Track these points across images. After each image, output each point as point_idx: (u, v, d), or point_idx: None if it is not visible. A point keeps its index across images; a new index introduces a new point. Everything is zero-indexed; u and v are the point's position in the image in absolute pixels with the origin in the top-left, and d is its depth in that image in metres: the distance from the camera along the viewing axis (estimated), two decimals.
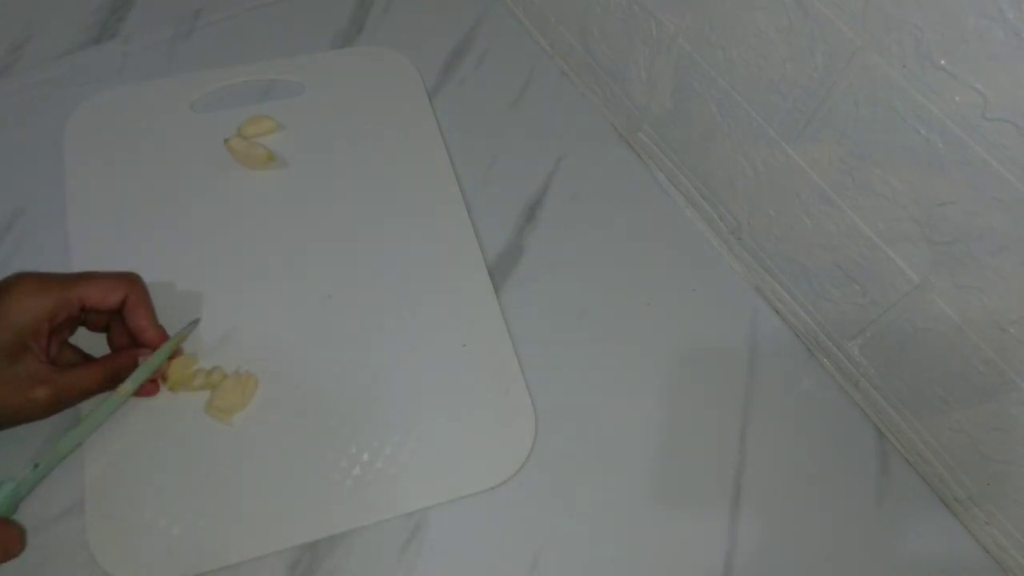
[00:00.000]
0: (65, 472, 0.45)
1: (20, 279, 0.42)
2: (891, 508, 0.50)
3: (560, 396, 0.51)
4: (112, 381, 0.45)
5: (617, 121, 0.64)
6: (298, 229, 0.56)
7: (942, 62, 0.37)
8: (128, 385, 0.45)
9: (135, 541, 0.44)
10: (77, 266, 0.51)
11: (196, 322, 0.50)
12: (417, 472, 0.48)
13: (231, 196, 0.56)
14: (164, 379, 0.48)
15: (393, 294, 0.54)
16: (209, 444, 0.47)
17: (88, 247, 0.53)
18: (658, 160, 0.62)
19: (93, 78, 0.61)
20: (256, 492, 0.46)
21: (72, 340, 0.47)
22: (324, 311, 0.53)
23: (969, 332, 0.43)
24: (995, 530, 0.48)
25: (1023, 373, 0.41)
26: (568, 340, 0.54)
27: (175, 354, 0.48)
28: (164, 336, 0.47)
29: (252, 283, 0.53)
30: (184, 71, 0.62)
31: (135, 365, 0.46)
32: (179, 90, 0.61)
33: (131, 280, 0.46)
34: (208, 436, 0.47)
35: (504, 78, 0.66)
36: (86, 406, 0.46)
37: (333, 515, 0.46)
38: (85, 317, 0.46)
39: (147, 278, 0.48)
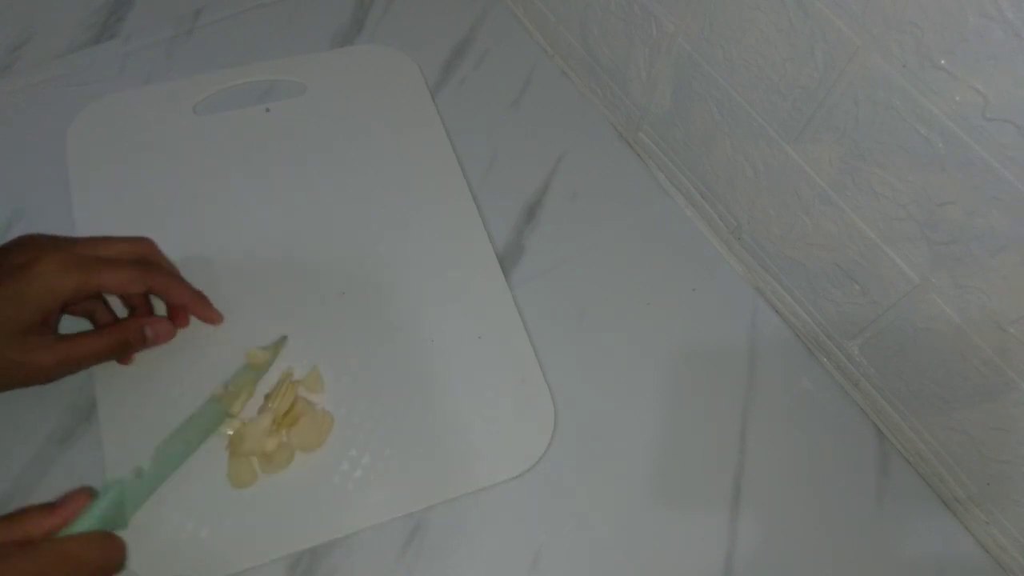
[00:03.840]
0: None
1: (42, 255, 0.42)
2: (891, 508, 0.50)
3: (562, 396, 0.51)
4: (119, 350, 0.46)
5: (617, 121, 0.64)
6: (307, 229, 0.56)
7: (942, 62, 0.37)
8: (236, 404, 0.47)
9: (136, 546, 0.44)
10: None
11: (284, 339, 0.50)
12: (436, 465, 0.48)
13: (237, 199, 0.56)
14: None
15: (405, 290, 0.54)
16: (218, 448, 0.47)
17: None
18: (658, 160, 0.62)
19: (93, 78, 0.61)
20: (278, 494, 0.46)
21: None
22: (337, 308, 0.53)
23: (969, 332, 0.43)
24: (995, 530, 0.48)
25: (1023, 373, 0.41)
26: (568, 340, 0.53)
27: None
28: (201, 298, 0.48)
29: (263, 284, 0.53)
30: (185, 71, 0.62)
31: (142, 334, 0.46)
32: (181, 93, 0.61)
33: (151, 264, 0.46)
34: (213, 440, 0.47)
35: (504, 77, 0.66)
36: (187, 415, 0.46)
37: (357, 512, 0.46)
38: None
39: None
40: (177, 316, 0.49)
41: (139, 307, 0.49)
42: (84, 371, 0.46)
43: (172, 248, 0.51)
